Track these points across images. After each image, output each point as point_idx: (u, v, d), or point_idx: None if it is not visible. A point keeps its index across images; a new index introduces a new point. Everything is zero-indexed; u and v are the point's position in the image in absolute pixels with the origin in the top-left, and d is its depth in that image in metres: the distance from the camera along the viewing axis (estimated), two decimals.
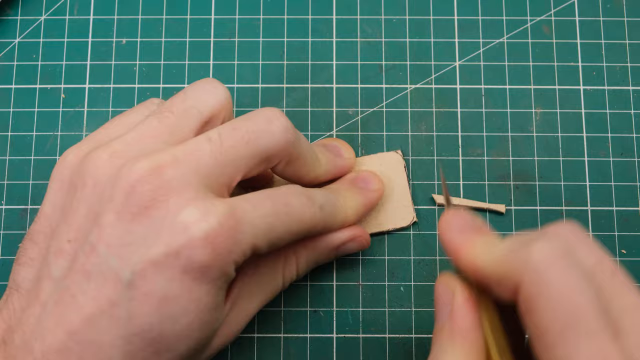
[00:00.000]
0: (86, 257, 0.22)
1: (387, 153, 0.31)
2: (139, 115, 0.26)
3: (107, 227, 0.21)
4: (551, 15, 0.34)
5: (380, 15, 0.34)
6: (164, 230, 0.21)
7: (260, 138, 0.24)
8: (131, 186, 0.21)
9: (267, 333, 0.30)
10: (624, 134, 0.32)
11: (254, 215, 0.22)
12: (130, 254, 0.21)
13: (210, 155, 0.23)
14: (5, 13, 0.34)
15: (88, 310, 0.21)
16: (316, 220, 0.25)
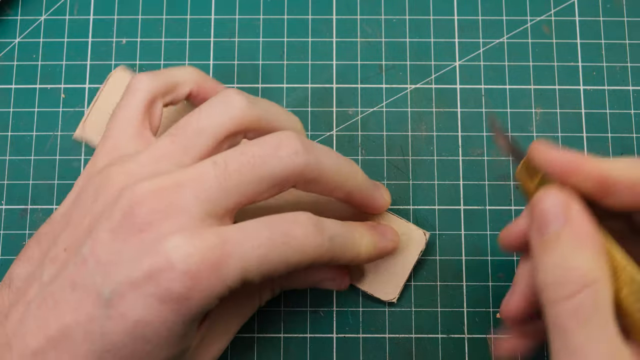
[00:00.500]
0: (76, 268, 0.22)
1: (415, 228, 0.30)
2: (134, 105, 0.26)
3: (99, 242, 0.22)
4: (551, 15, 0.34)
5: (380, 15, 0.34)
6: (148, 254, 0.21)
7: (267, 163, 0.23)
8: (129, 207, 0.22)
9: (267, 333, 0.30)
10: (624, 134, 0.32)
11: (246, 247, 0.22)
12: (113, 273, 0.21)
13: (214, 180, 0.22)
14: (5, 13, 0.34)
15: (67, 319, 0.21)
16: (322, 252, 0.23)
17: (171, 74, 0.27)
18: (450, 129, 0.32)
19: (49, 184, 0.32)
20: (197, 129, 0.24)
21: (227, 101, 0.24)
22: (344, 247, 0.25)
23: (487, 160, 0.32)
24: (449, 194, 0.32)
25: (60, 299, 0.22)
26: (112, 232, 0.22)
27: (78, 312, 0.21)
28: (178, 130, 0.24)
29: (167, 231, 0.21)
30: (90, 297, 0.21)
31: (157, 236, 0.21)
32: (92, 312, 0.21)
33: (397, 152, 0.32)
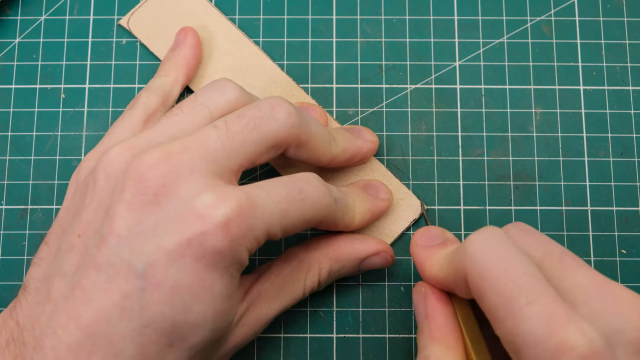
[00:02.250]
0: (97, 250, 0.21)
1: (413, 196, 0.31)
2: (136, 116, 0.28)
3: (117, 218, 0.21)
4: (551, 15, 0.34)
5: (380, 15, 0.34)
6: (176, 217, 0.21)
7: (265, 124, 0.24)
8: (141, 175, 0.22)
9: (267, 333, 0.30)
10: (624, 134, 0.32)
11: (268, 202, 0.22)
12: (141, 244, 0.21)
13: (217, 141, 0.23)
14: (5, 13, 0.34)
15: (99, 303, 0.21)
16: (331, 210, 0.25)
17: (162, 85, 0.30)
18: (450, 129, 0.32)
19: (49, 184, 0.32)
20: (193, 108, 0.25)
21: (224, 87, 0.26)
22: (344, 210, 0.26)
23: (487, 160, 0.32)
24: (449, 194, 0.32)
25: (88, 285, 0.21)
26: (128, 204, 0.21)
27: (110, 292, 0.21)
28: (175, 109, 0.25)
29: (189, 191, 0.21)
30: (120, 273, 0.21)
31: (179, 198, 0.21)
32: (125, 289, 0.21)
33: (397, 152, 0.32)
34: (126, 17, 0.33)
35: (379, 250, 0.28)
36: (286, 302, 0.27)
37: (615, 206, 0.31)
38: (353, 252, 0.28)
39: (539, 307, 0.19)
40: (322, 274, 0.27)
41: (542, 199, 0.32)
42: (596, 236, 0.31)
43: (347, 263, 0.28)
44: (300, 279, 0.27)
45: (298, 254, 0.27)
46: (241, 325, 0.25)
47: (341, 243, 0.28)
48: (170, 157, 0.22)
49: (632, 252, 0.31)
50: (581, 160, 0.32)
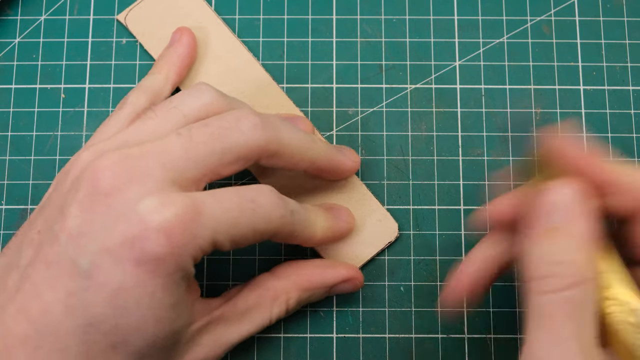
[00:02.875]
0: (49, 247, 0.22)
1: (391, 219, 0.31)
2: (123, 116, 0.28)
3: (69, 216, 0.22)
4: (551, 15, 0.34)
5: (380, 15, 0.34)
6: (121, 219, 0.21)
7: (230, 135, 0.23)
8: (94, 175, 0.22)
9: (267, 333, 0.30)
10: (624, 134, 0.32)
11: (216, 209, 0.22)
12: (87, 243, 0.21)
13: (180, 149, 0.23)
14: (5, 13, 0.34)
15: (46, 298, 0.21)
16: (286, 222, 0.24)
17: (153, 84, 0.29)
18: (450, 129, 0.32)
19: (49, 184, 0.32)
20: (166, 111, 0.25)
21: (199, 90, 0.26)
22: (302, 224, 0.26)
23: (487, 160, 0.32)
24: (449, 194, 0.32)
25: (38, 279, 0.22)
26: (79, 204, 0.22)
27: (56, 289, 0.21)
28: (149, 113, 0.25)
29: (135, 194, 0.21)
30: (66, 271, 0.21)
31: (126, 200, 0.21)
32: (70, 287, 0.21)
33: (397, 152, 0.32)
34: (124, 12, 0.33)
35: (348, 277, 0.28)
36: (250, 329, 0.26)
37: None
38: (322, 280, 0.28)
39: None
40: (290, 303, 0.27)
41: None
42: None
43: (315, 292, 0.28)
44: (267, 307, 0.27)
45: (267, 281, 0.27)
46: (198, 345, 0.25)
47: (310, 271, 0.28)
48: (126, 160, 0.22)
49: None
50: None
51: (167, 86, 0.30)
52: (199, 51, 0.32)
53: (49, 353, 0.21)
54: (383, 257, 0.31)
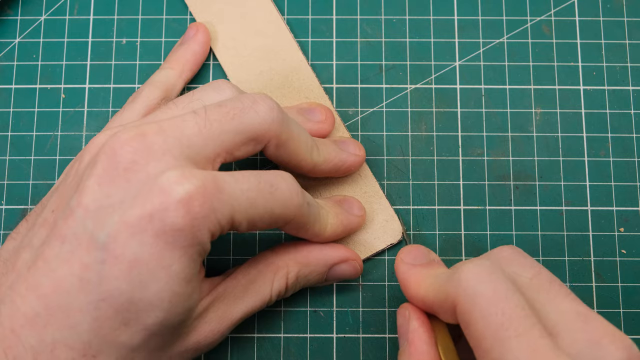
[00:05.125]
0: (64, 222, 0.22)
1: (397, 221, 0.31)
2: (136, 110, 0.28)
3: (86, 191, 0.22)
4: (551, 15, 0.34)
5: (380, 15, 0.34)
6: (140, 192, 0.21)
7: (245, 115, 0.24)
8: (113, 150, 0.22)
9: (267, 333, 0.30)
10: (624, 134, 0.32)
11: (235, 188, 0.22)
12: (105, 217, 0.21)
13: (195, 126, 0.23)
14: (5, 13, 0.34)
15: (59, 273, 0.21)
16: (302, 212, 0.25)
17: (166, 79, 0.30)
18: (450, 129, 0.32)
19: (49, 184, 0.32)
20: (188, 103, 0.25)
21: (220, 86, 0.26)
22: (315, 218, 0.26)
23: (487, 160, 0.32)
24: (449, 194, 0.32)
25: (51, 256, 0.21)
26: (97, 179, 0.22)
27: (70, 262, 0.21)
28: (170, 104, 0.26)
29: (154, 169, 0.21)
30: (83, 245, 0.21)
31: (146, 173, 0.21)
32: (85, 259, 0.21)
33: (397, 152, 0.32)
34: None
35: (348, 257, 0.28)
36: (252, 304, 0.26)
37: (615, 206, 0.31)
38: (322, 257, 0.28)
39: (527, 341, 0.19)
40: (290, 278, 0.27)
41: (542, 199, 0.32)
42: (596, 236, 0.31)
43: (315, 268, 0.28)
44: (268, 281, 0.27)
45: (267, 257, 0.27)
46: (204, 322, 0.25)
47: (310, 248, 0.28)
48: (144, 136, 0.22)
49: (632, 252, 0.31)
50: (581, 160, 0.32)
51: (180, 82, 0.30)
52: (241, 23, 0.32)
53: (58, 330, 0.21)
54: (383, 257, 0.31)
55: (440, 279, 0.23)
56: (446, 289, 0.22)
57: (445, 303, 0.22)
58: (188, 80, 0.31)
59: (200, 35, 0.31)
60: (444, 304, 0.22)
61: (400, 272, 0.25)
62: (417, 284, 0.24)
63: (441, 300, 0.22)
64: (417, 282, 0.24)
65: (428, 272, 0.24)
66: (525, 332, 0.20)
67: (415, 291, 0.24)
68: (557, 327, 0.20)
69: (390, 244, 0.30)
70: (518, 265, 0.23)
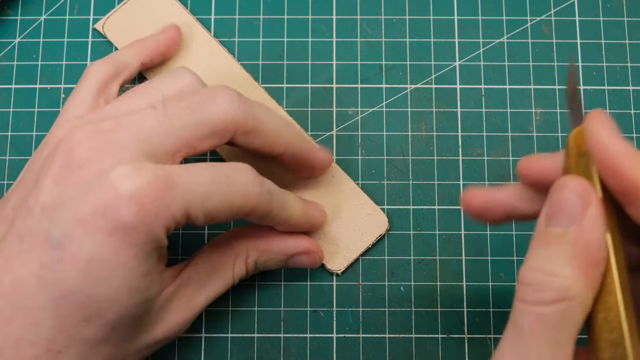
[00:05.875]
0: (22, 220, 0.22)
1: (380, 212, 0.31)
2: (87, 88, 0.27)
3: (42, 189, 0.22)
4: (551, 15, 0.34)
5: (380, 15, 0.34)
6: (92, 189, 0.21)
7: (205, 108, 0.23)
8: (69, 147, 0.22)
9: (267, 333, 0.30)
10: (624, 134, 0.32)
11: (189, 181, 0.22)
12: (60, 215, 0.21)
13: (153, 121, 0.23)
14: (5, 13, 0.34)
15: (19, 272, 0.21)
16: (262, 202, 0.24)
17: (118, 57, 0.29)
18: (450, 129, 0.32)
19: None
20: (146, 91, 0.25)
21: (180, 73, 0.26)
22: (280, 205, 0.26)
23: (487, 160, 0.32)
24: (449, 194, 0.32)
25: (10, 254, 0.22)
26: (53, 177, 0.22)
27: (29, 262, 0.21)
28: (129, 92, 0.25)
29: (108, 165, 0.21)
30: (40, 243, 0.21)
31: (99, 170, 0.21)
32: (43, 259, 0.21)
33: (397, 152, 0.32)
34: (101, 21, 0.33)
35: (308, 249, 0.28)
36: (215, 288, 0.26)
37: None
38: (282, 247, 0.28)
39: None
40: (249, 263, 0.27)
41: None
42: None
43: (275, 256, 0.28)
44: (229, 266, 0.27)
45: (226, 241, 0.27)
46: (171, 310, 0.25)
47: (272, 235, 0.28)
48: (100, 132, 0.22)
49: None
50: None
51: (135, 62, 0.29)
52: (179, 53, 0.32)
53: (21, 327, 0.21)
54: (383, 257, 0.31)
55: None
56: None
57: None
58: (146, 65, 0.30)
59: (169, 28, 0.31)
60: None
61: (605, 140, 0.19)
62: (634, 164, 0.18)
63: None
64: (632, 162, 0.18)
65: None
66: None
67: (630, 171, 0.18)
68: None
69: (379, 235, 0.31)
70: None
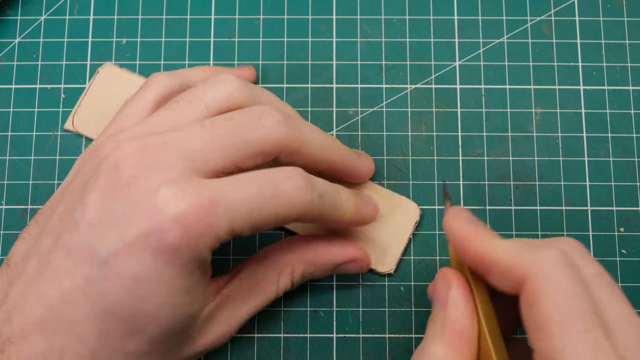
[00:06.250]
0: (69, 234, 0.22)
1: (408, 200, 0.31)
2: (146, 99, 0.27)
3: (89, 205, 0.22)
4: (551, 15, 0.34)
5: (380, 15, 0.34)
6: (139, 209, 0.21)
7: (251, 129, 0.24)
8: (115, 164, 0.22)
9: (267, 333, 0.30)
10: (624, 134, 0.32)
11: (234, 198, 0.22)
12: (106, 233, 0.21)
13: (201, 140, 0.23)
14: (5, 13, 0.34)
15: (66, 285, 0.22)
16: (313, 207, 0.24)
17: (186, 74, 0.28)
18: (450, 129, 0.32)
19: (49, 184, 0.32)
20: (189, 101, 0.25)
21: (222, 79, 0.26)
22: (332, 206, 0.25)
23: (487, 160, 0.32)
24: (449, 194, 0.32)
25: (58, 267, 0.22)
26: (100, 192, 0.22)
27: (75, 276, 0.22)
28: (172, 103, 0.25)
29: (155, 184, 0.21)
30: (86, 259, 0.21)
31: (145, 189, 0.21)
32: (89, 275, 0.21)
33: (397, 152, 0.32)
34: (69, 120, 0.32)
35: (355, 257, 0.28)
36: (259, 303, 0.27)
37: (615, 206, 0.31)
38: (329, 257, 0.28)
39: (593, 339, 0.19)
40: (295, 276, 0.27)
41: (542, 199, 0.32)
42: (596, 236, 0.31)
43: (320, 267, 0.28)
44: (273, 280, 0.27)
45: (272, 255, 0.27)
46: (212, 324, 0.25)
47: (317, 247, 0.28)
48: (146, 149, 0.22)
49: (632, 252, 0.31)
50: (581, 160, 0.32)
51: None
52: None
53: (67, 338, 0.22)
54: None
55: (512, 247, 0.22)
56: (518, 259, 0.21)
57: (511, 271, 0.21)
58: None
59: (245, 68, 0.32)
60: (510, 272, 0.21)
61: (456, 227, 0.24)
62: (480, 241, 0.23)
63: (507, 267, 0.22)
64: (478, 239, 0.23)
65: (489, 232, 0.23)
66: (593, 330, 0.20)
67: (477, 248, 0.23)
68: (613, 330, 0.20)
69: (415, 222, 0.31)
70: (584, 259, 0.22)
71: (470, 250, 0.23)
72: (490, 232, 0.23)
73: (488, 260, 0.22)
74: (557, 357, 0.19)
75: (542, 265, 0.21)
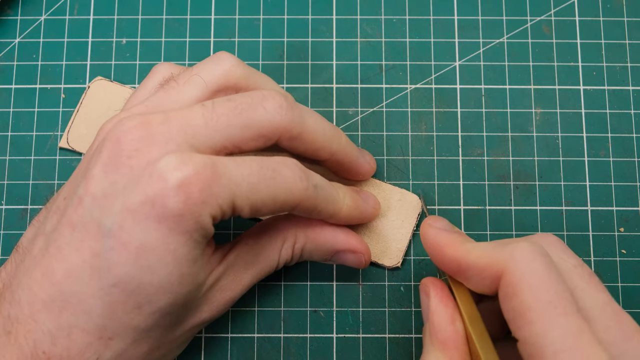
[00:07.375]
0: (73, 210, 0.22)
1: (409, 193, 0.31)
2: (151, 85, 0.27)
3: (92, 179, 0.22)
4: (551, 15, 0.34)
5: (380, 15, 0.34)
6: (142, 178, 0.21)
7: (253, 111, 0.24)
8: (117, 138, 0.22)
9: (267, 333, 0.30)
10: (624, 134, 0.32)
11: (236, 173, 0.22)
12: (111, 204, 0.21)
13: (201, 118, 0.23)
14: (5, 13, 0.34)
15: (71, 261, 0.22)
16: (308, 196, 0.24)
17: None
18: (450, 129, 0.32)
19: (49, 184, 0.32)
20: (188, 79, 0.25)
21: (219, 57, 0.26)
22: (327, 199, 0.26)
23: (487, 160, 0.32)
24: (449, 194, 0.32)
25: (63, 243, 0.22)
26: (103, 167, 0.22)
27: (81, 251, 0.22)
28: (171, 82, 0.26)
29: (156, 155, 0.22)
30: (91, 232, 0.22)
31: (147, 160, 0.22)
32: (95, 247, 0.21)
33: (397, 152, 0.32)
34: (64, 137, 0.32)
35: (356, 248, 0.28)
36: (262, 269, 0.27)
37: (615, 206, 0.31)
38: (331, 240, 0.28)
39: (574, 321, 0.20)
40: (296, 249, 0.27)
41: (542, 199, 0.32)
42: (596, 236, 0.31)
43: (322, 247, 0.28)
44: (276, 249, 0.27)
45: (277, 223, 0.27)
46: (218, 290, 0.25)
47: (322, 226, 0.28)
48: (148, 124, 0.22)
49: (632, 252, 0.31)
50: (581, 160, 0.32)
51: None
52: None
53: (74, 315, 0.22)
54: None
55: (486, 248, 0.23)
56: (494, 257, 0.22)
57: (488, 269, 0.22)
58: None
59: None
60: (486, 271, 0.22)
61: (431, 236, 0.25)
62: (453, 247, 0.24)
63: (483, 266, 0.22)
64: (452, 245, 0.24)
65: (464, 238, 0.24)
66: (572, 313, 0.20)
67: (451, 253, 0.24)
68: (592, 315, 0.21)
69: (418, 214, 0.31)
70: (562, 252, 0.23)
71: (444, 256, 0.24)
72: (465, 238, 0.24)
73: (464, 264, 0.23)
74: (540, 342, 0.20)
75: (516, 257, 0.21)
